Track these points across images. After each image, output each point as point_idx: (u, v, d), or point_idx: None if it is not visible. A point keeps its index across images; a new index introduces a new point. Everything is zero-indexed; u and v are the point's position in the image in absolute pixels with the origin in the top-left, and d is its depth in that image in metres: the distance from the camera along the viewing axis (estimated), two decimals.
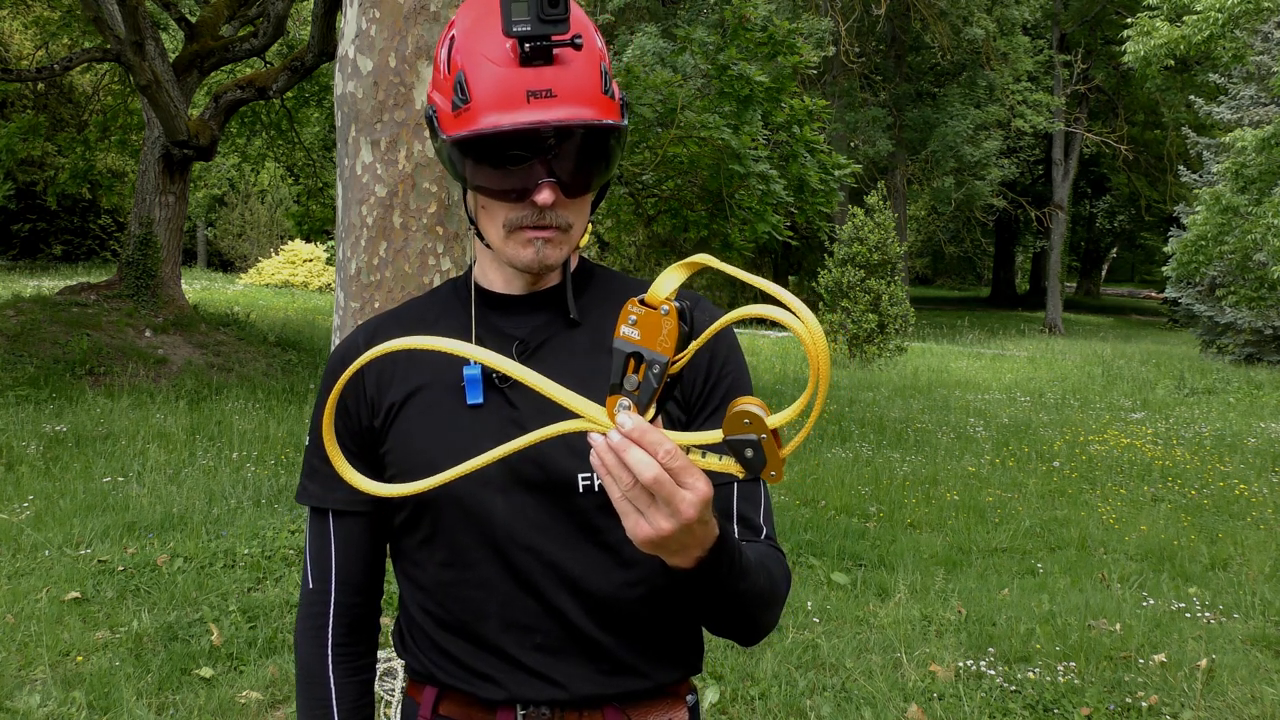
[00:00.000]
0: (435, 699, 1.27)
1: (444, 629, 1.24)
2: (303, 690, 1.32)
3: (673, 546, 0.98)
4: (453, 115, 1.13)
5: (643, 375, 0.96)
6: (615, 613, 1.22)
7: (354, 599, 1.32)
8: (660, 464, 0.93)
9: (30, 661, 3.88)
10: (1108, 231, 42.59)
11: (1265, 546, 6.31)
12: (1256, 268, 16.98)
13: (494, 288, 1.28)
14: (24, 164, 19.43)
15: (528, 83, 1.08)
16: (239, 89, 12.72)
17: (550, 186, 1.12)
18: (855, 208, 19.01)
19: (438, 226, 4.84)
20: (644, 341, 0.96)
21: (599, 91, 1.12)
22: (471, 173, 1.14)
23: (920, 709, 3.72)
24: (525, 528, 1.19)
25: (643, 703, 1.25)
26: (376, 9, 4.78)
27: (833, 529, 6.31)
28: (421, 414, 1.23)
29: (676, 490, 0.93)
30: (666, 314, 0.95)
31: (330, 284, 25.33)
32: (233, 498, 6.23)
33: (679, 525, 0.95)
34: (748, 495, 1.26)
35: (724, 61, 10.01)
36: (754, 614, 1.17)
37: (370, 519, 1.29)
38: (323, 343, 14.07)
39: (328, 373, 1.30)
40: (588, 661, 1.21)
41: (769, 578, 1.17)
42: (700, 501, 0.95)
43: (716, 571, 1.05)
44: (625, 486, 0.94)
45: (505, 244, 1.18)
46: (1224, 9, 11.77)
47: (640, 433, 0.93)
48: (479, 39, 1.11)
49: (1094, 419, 11.94)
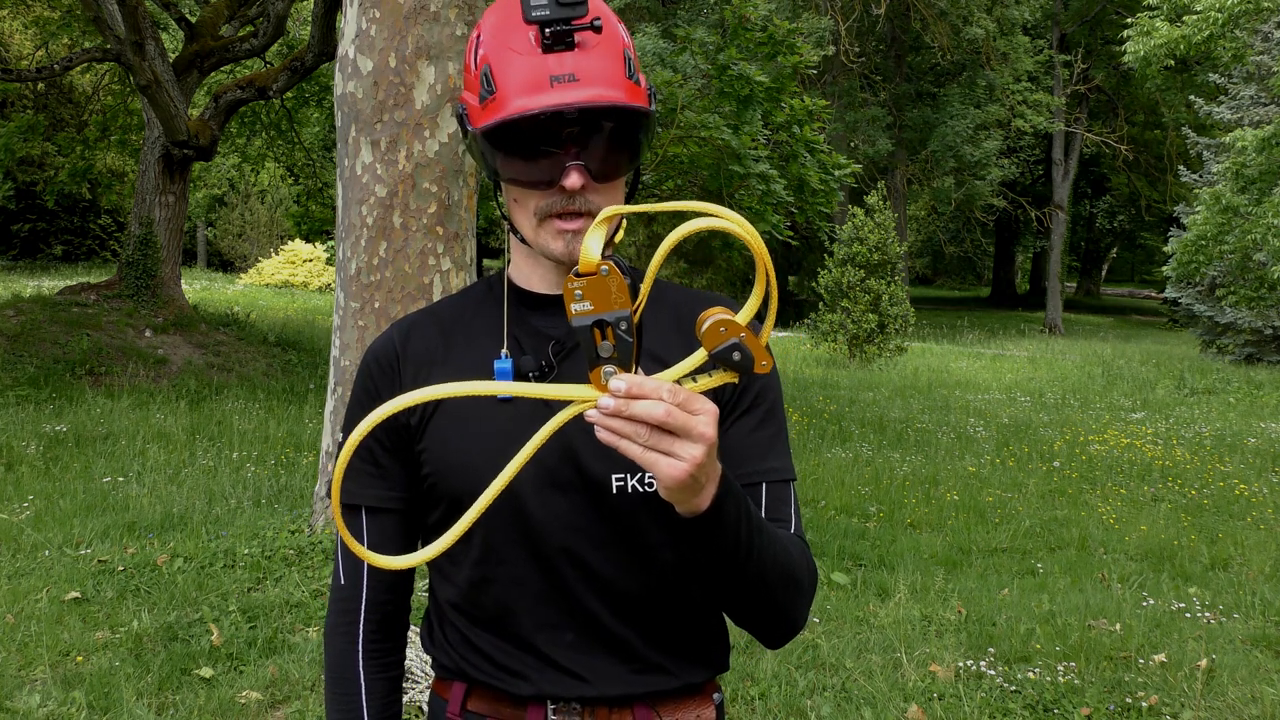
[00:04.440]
0: (464, 695, 1.28)
1: (476, 625, 1.26)
2: (332, 687, 1.33)
3: (701, 478, 1.00)
4: (480, 108, 1.14)
5: (613, 337, 0.97)
6: (646, 613, 1.23)
7: (385, 596, 1.32)
8: (666, 402, 0.95)
9: (30, 661, 3.88)
10: (1108, 231, 42.60)
11: (1265, 546, 6.31)
12: (1256, 268, 16.98)
13: (530, 287, 1.28)
14: (24, 164, 19.44)
15: (550, 68, 1.09)
16: (239, 89, 12.72)
17: (578, 170, 1.12)
18: (855, 208, 19.01)
19: (438, 226, 4.84)
20: (599, 307, 0.96)
21: (623, 76, 1.12)
22: (503, 165, 1.15)
23: (920, 709, 3.72)
24: (559, 528, 1.20)
25: (671, 700, 1.26)
26: (376, 9, 4.79)
27: (833, 529, 6.31)
28: (457, 412, 1.24)
29: (690, 417, 0.96)
30: (608, 273, 0.96)
31: (330, 284, 25.33)
32: (233, 498, 6.23)
33: (706, 448, 0.97)
34: (777, 495, 1.28)
35: (724, 61, 10.02)
36: (776, 593, 1.17)
37: (403, 516, 1.30)
38: (323, 343, 14.06)
39: (362, 370, 1.31)
40: (618, 661, 1.23)
41: (786, 553, 1.18)
42: (714, 418, 0.98)
43: (729, 506, 1.06)
44: (643, 438, 0.96)
45: (537, 235, 1.19)
46: (1224, 9, 11.78)
47: (636, 385, 0.95)
48: (502, 32, 1.13)
49: (1094, 419, 11.94)
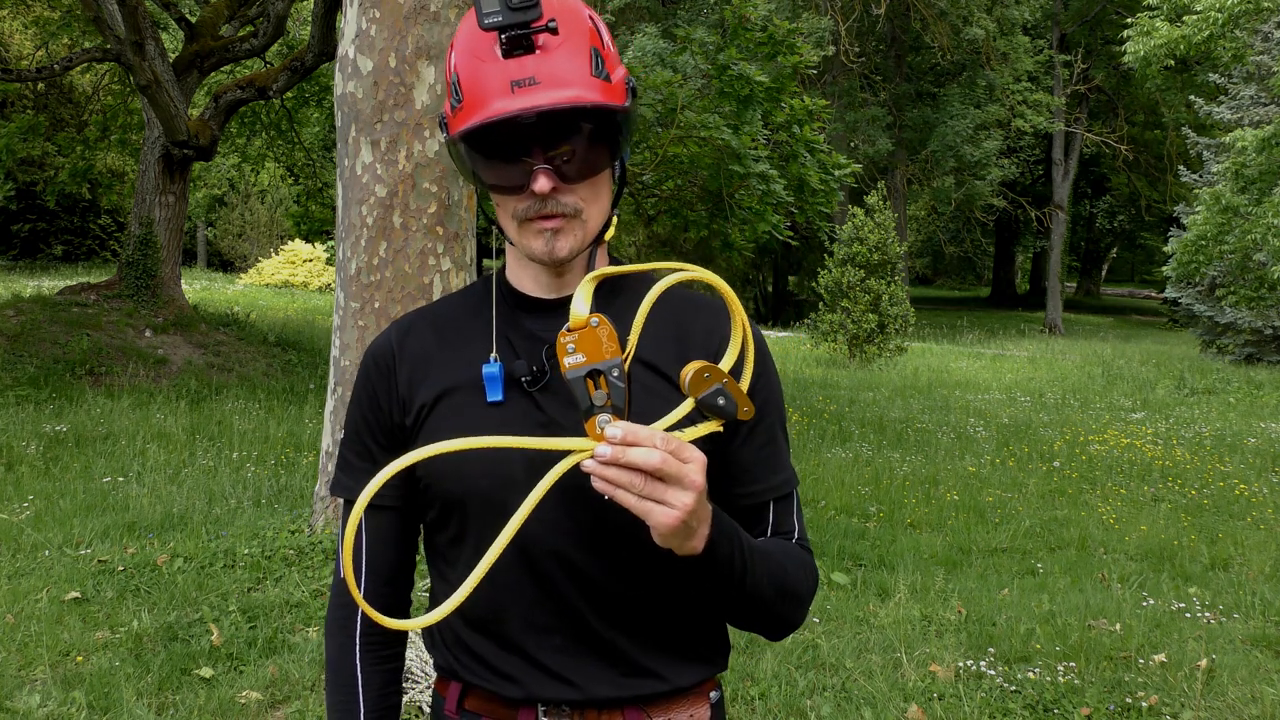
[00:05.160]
0: (460, 694, 1.29)
1: (469, 627, 1.27)
2: (330, 679, 1.35)
3: (693, 523, 1.04)
4: (452, 116, 1.16)
5: (606, 386, 1.01)
6: (636, 617, 1.24)
7: (383, 589, 1.34)
8: (659, 449, 0.99)
9: (30, 661, 3.88)
10: (1108, 231, 42.59)
11: (1265, 546, 6.31)
12: (1256, 268, 16.98)
13: (523, 288, 1.29)
14: (24, 164, 19.42)
15: (510, 73, 1.10)
16: (239, 89, 12.72)
17: (545, 174, 1.13)
18: (855, 208, 19.01)
19: (438, 226, 4.84)
20: (591, 358, 1.02)
21: (587, 74, 1.12)
22: (482, 171, 1.16)
23: (920, 709, 3.72)
24: (550, 532, 1.20)
25: (663, 701, 1.27)
26: (376, 9, 4.78)
27: (833, 529, 6.31)
28: (451, 416, 1.24)
29: (682, 465, 1.00)
30: (597, 325, 1.02)
31: (330, 284, 25.33)
32: (233, 498, 6.23)
33: (697, 494, 1.01)
34: (783, 509, 1.30)
35: (724, 61, 10.02)
36: (773, 606, 1.21)
37: (401, 513, 1.32)
38: (323, 343, 14.06)
39: (362, 370, 1.33)
40: (607, 664, 1.23)
41: (783, 570, 1.21)
42: (703, 465, 1.02)
43: (723, 546, 1.10)
44: (639, 487, 1.00)
45: (520, 237, 1.20)
46: (1224, 9, 11.78)
47: (631, 433, 0.99)
48: (469, 40, 1.15)
49: (1094, 419, 11.94)
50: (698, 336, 1.26)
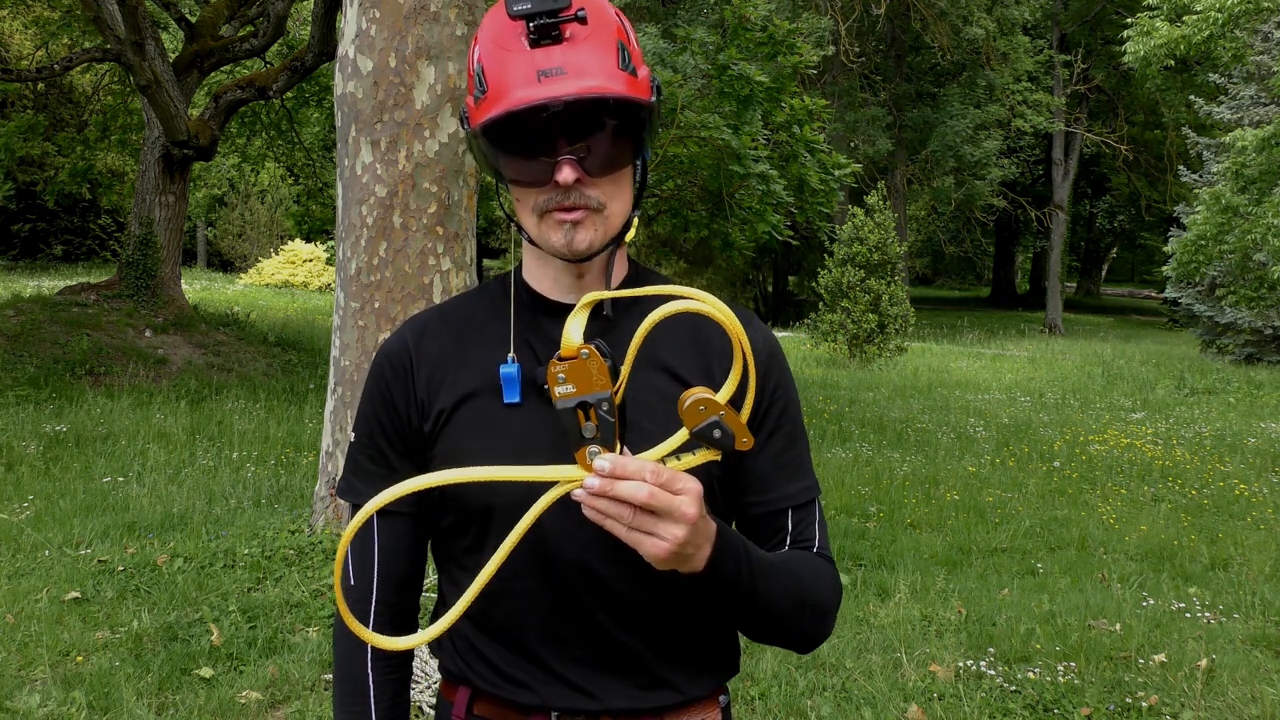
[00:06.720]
0: (469, 700, 1.28)
1: (483, 634, 1.25)
2: (340, 687, 1.32)
3: (688, 551, 1.03)
4: (475, 108, 1.15)
5: (595, 418, 1.01)
6: (655, 628, 1.23)
7: (394, 596, 1.32)
8: (649, 483, 0.98)
9: (30, 661, 3.88)
10: (1108, 231, 42.60)
11: (1265, 546, 6.31)
12: (1256, 268, 16.98)
13: (542, 290, 1.27)
14: (24, 164, 19.44)
15: (538, 63, 1.09)
16: (239, 89, 12.72)
17: (569, 164, 1.12)
18: (855, 208, 19.01)
19: (438, 226, 4.83)
20: (581, 390, 1.01)
21: (614, 67, 1.11)
22: (503, 165, 1.15)
23: (920, 709, 3.72)
24: (571, 543, 1.19)
25: (677, 711, 1.26)
26: (376, 9, 4.78)
27: (833, 529, 6.31)
28: (471, 421, 1.23)
29: (673, 498, 0.99)
30: (588, 357, 1.01)
31: (330, 284, 25.33)
32: (233, 498, 6.23)
33: (689, 527, 1.00)
34: (803, 517, 1.29)
35: (724, 61, 10.02)
36: (790, 619, 1.19)
37: (413, 519, 1.29)
38: (323, 343, 14.06)
39: (375, 370, 1.30)
40: (624, 676, 1.23)
41: (798, 582, 1.20)
42: (697, 497, 1.01)
43: (726, 564, 1.09)
44: (627, 519, 0.99)
45: (539, 231, 1.18)
46: (1224, 9, 11.78)
47: (620, 466, 0.98)
48: (495, 31, 1.14)
49: (1094, 419, 11.94)
50: (716, 341, 1.25)
